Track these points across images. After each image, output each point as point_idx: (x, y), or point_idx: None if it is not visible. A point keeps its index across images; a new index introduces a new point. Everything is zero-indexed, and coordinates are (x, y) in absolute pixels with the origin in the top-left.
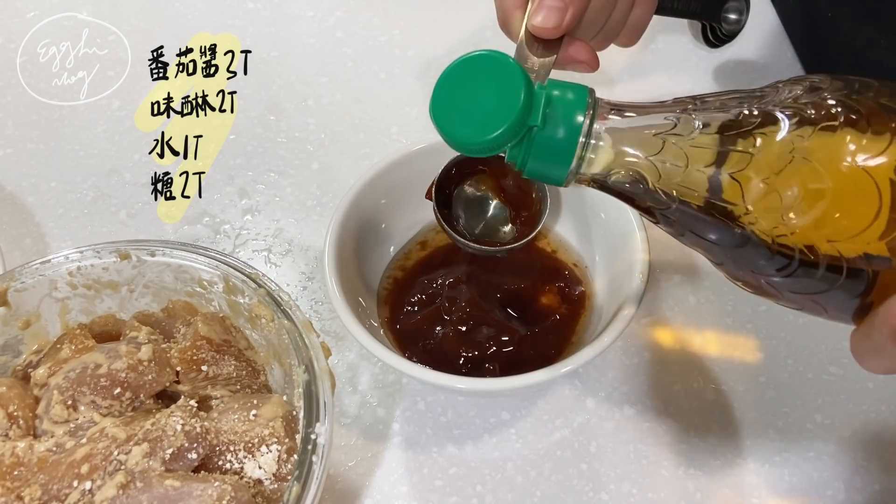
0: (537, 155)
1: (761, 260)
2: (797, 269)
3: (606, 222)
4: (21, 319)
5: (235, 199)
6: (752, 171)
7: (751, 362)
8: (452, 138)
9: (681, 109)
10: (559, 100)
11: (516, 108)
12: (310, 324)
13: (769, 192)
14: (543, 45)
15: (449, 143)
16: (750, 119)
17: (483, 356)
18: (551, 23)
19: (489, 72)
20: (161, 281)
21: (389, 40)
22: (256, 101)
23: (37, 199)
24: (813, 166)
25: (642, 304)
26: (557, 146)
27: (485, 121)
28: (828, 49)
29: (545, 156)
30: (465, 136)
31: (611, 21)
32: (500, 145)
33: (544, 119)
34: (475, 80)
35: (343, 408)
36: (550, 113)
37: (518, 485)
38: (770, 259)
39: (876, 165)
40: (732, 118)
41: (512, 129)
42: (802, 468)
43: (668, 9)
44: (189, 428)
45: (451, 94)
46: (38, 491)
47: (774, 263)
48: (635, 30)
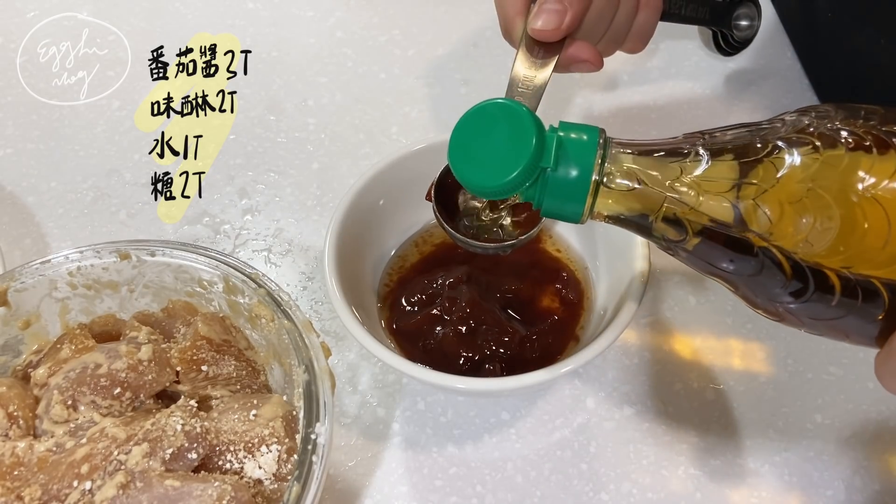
0: (552, 195)
1: (777, 287)
2: (813, 295)
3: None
4: (21, 319)
5: (235, 199)
6: (765, 202)
7: (751, 362)
8: (470, 183)
9: (690, 144)
10: (570, 141)
11: (528, 151)
12: (310, 324)
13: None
14: (545, 49)
15: (467, 188)
16: (760, 150)
17: (483, 356)
18: (551, 25)
19: (501, 118)
20: (161, 281)
21: (389, 40)
22: (256, 101)
23: (37, 199)
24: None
25: (642, 305)
26: (571, 186)
27: (500, 165)
28: (828, 49)
29: (560, 195)
30: (481, 181)
31: (614, 25)
32: (515, 187)
33: (556, 160)
34: (489, 127)
35: (343, 408)
36: (562, 154)
37: (518, 485)
38: (786, 286)
39: (884, 191)
40: (742, 150)
41: (525, 172)
42: (802, 468)
43: (675, 15)
44: (189, 428)
45: (466, 141)
46: (38, 491)
47: (790, 290)
48: (641, 35)
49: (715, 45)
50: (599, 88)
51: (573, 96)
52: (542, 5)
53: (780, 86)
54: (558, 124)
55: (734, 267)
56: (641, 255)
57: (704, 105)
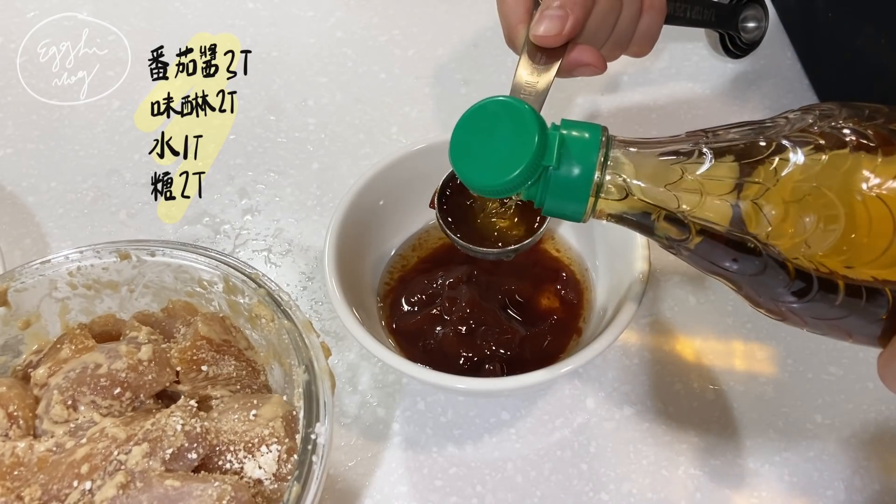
0: (554, 194)
1: (780, 287)
2: (817, 295)
3: (608, 224)
4: (21, 319)
5: (235, 199)
6: (768, 201)
7: (751, 362)
8: (471, 182)
9: (693, 143)
10: (572, 139)
11: (531, 150)
12: (310, 324)
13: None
14: (547, 54)
15: (469, 187)
16: (764, 149)
17: (483, 356)
18: (553, 31)
19: (503, 116)
20: (161, 281)
21: (389, 40)
22: (256, 101)
23: (37, 199)
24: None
25: (642, 305)
26: (573, 184)
27: (501, 164)
28: (828, 49)
29: (562, 194)
30: (483, 180)
31: (618, 29)
32: (517, 186)
33: (559, 159)
34: (490, 125)
35: (343, 408)
36: (564, 153)
37: (518, 485)
38: (789, 286)
39: (889, 190)
40: (746, 149)
41: (527, 171)
42: (802, 468)
43: (680, 18)
44: (189, 428)
45: (468, 140)
46: (38, 491)
47: (793, 290)
48: (646, 38)
49: (722, 47)
50: (600, 89)
51: (574, 96)
52: (544, 11)
53: (780, 86)
54: (560, 122)
55: (737, 266)
56: (641, 255)
57: (704, 105)
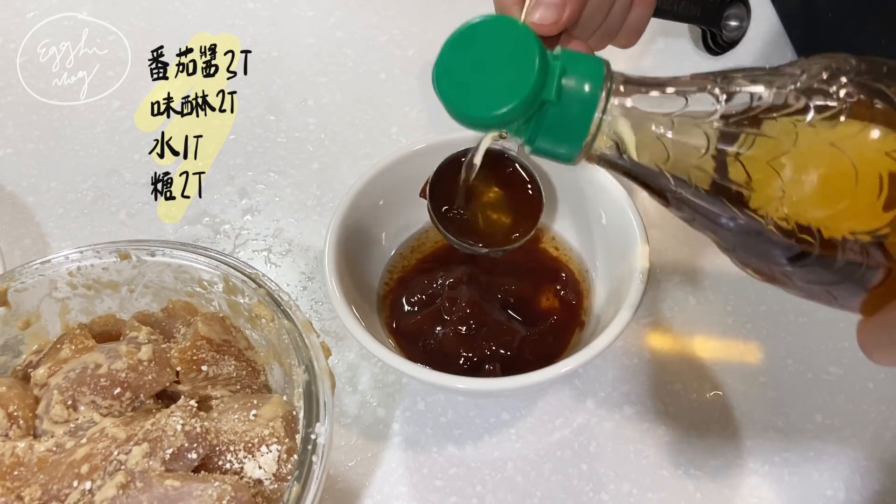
0: (548, 131)
1: (776, 249)
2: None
3: (608, 224)
4: (21, 319)
5: (235, 199)
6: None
7: (751, 362)
8: (457, 111)
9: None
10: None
11: (530, 80)
12: (310, 324)
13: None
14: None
15: (453, 116)
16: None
17: (483, 356)
18: (550, 19)
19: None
20: (161, 281)
21: (389, 40)
22: (256, 101)
23: (37, 199)
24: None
25: (642, 304)
26: (571, 122)
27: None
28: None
29: (557, 132)
30: (471, 110)
31: (609, 19)
32: (510, 121)
33: (558, 93)
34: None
35: (343, 408)
36: (565, 86)
37: (518, 485)
38: (786, 248)
39: None
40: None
41: (524, 104)
42: (802, 468)
43: (667, 12)
44: (189, 428)
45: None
46: (38, 491)
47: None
48: (634, 30)
49: (703, 44)
50: None
51: None
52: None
53: None
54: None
55: (732, 223)
56: (641, 254)
57: None
